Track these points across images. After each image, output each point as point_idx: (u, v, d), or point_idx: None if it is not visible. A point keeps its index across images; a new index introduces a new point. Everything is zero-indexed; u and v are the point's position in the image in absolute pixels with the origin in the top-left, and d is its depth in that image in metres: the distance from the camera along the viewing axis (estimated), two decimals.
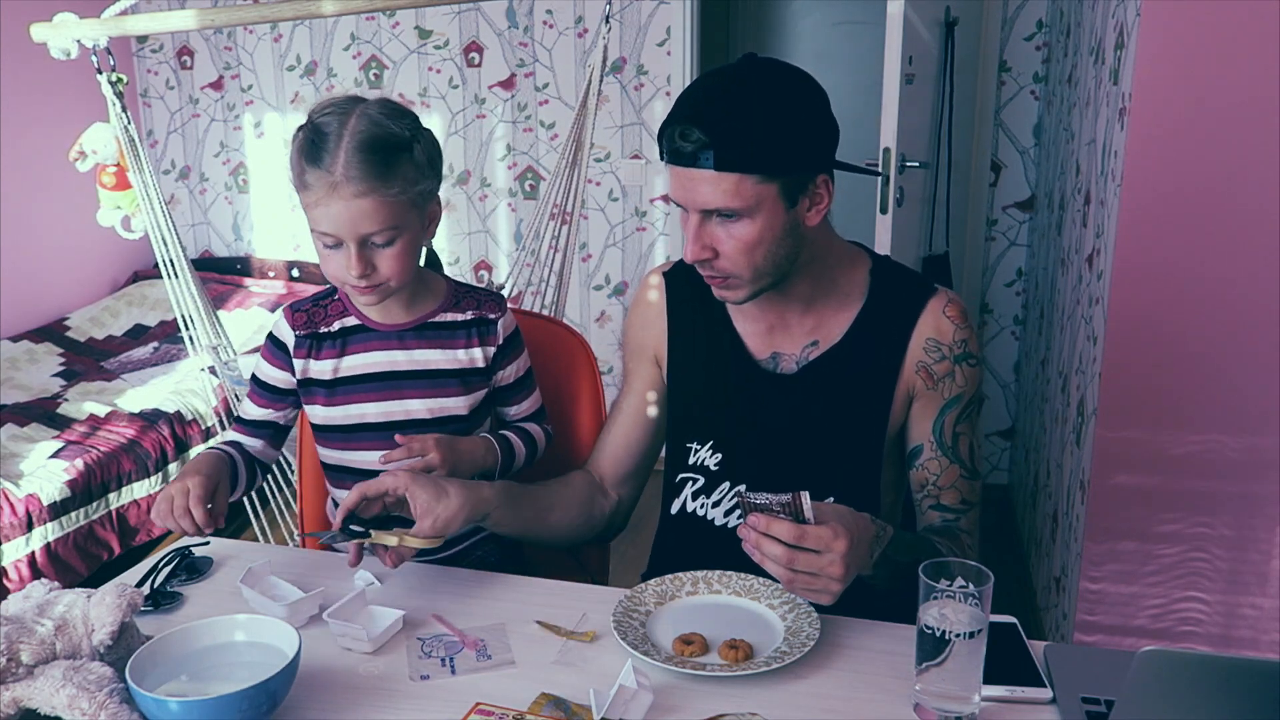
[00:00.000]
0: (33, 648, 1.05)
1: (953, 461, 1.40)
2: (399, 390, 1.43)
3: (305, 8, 2.22)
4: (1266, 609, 1.17)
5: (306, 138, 1.32)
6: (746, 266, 1.29)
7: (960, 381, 1.39)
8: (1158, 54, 1.83)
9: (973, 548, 1.40)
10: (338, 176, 1.28)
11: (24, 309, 3.70)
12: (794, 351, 1.42)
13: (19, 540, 2.61)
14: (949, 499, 1.41)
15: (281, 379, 1.45)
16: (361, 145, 1.29)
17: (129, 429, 3.02)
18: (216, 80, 4.06)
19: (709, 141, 1.22)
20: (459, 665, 1.17)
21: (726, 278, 1.31)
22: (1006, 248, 3.51)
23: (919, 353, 1.38)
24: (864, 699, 1.11)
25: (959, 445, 1.40)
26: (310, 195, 1.31)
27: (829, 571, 1.13)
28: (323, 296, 1.46)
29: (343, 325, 1.43)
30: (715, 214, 1.27)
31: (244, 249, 4.21)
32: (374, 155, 1.29)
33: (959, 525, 1.40)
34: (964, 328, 1.39)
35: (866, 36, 4.30)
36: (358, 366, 1.43)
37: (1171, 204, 1.69)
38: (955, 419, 1.40)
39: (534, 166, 3.75)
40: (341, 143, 1.29)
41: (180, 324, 2.57)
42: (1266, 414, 1.20)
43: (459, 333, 1.45)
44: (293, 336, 1.43)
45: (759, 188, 1.24)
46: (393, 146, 1.31)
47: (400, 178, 1.31)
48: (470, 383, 1.46)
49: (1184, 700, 0.89)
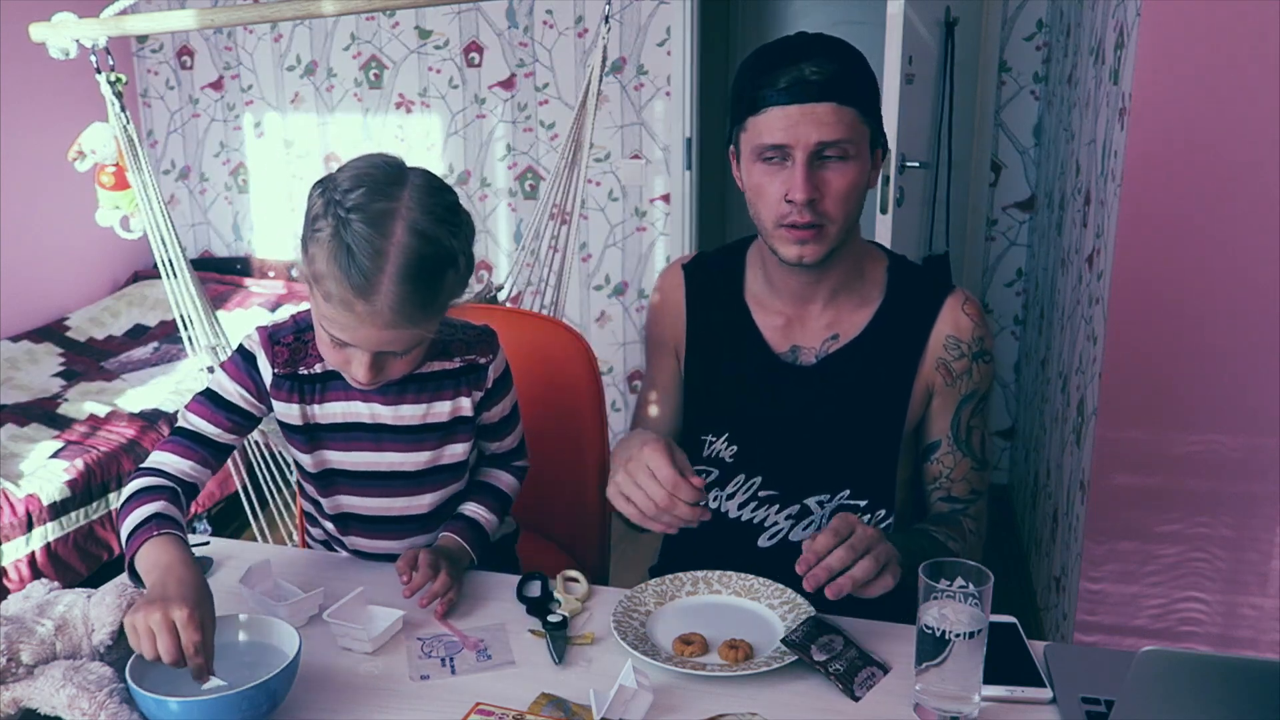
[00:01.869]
0: (33, 648, 1.05)
1: (966, 455, 1.43)
2: (380, 443, 1.34)
3: (305, 8, 2.22)
4: (1266, 609, 1.17)
5: (339, 243, 1.12)
6: (843, 213, 1.32)
7: (977, 378, 1.41)
8: (1158, 54, 1.83)
9: (977, 533, 1.43)
10: (376, 306, 1.13)
11: (24, 309, 3.70)
12: (814, 345, 1.42)
13: (19, 540, 2.61)
14: (959, 490, 1.44)
15: (244, 398, 1.32)
16: (406, 274, 1.12)
17: (129, 429, 3.02)
18: (216, 80, 4.06)
19: (836, 72, 1.28)
20: (459, 665, 1.17)
21: (822, 226, 1.32)
22: (1006, 248, 3.51)
23: (939, 350, 1.40)
24: (864, 699, 1.11)
25: (972, 439, 1.43)
26: (330, 307, 1.15)
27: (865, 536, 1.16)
28: (304, 329, 1.31)
29: (325, 369, 1.31)
30: (825, 154, 1.29)
31: (244, 249, 4.20)
32: (419, 287, 1.14)
33: (966, 513, 1.43)
34: (981, 325, 1.42)
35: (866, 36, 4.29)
36: (337, 415, 1.33)
37: (1171, 204, 1.69)
38: (970, 414, 1.42)
39: (534, 166, 3.75)
40: (384, 269, 1.12)
41: (180, 324, 2.56)
42: (1266, 414, 1.20)
43: (446, 384, 1.34)
44: (270, 374, 1.31)
45: (863, 127, 1.31)
46: (440, 269, 1.16)
47: (440, 306, 1.20)
48: (456, 432, 1.37)
49: (1184, 700, 0.89)
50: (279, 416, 1.33)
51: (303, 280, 1.19)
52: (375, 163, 1.19)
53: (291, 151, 4.03)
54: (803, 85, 1.27)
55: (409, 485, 1.38)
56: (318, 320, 1.21)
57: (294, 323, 1.33)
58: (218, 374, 1.33)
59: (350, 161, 1.20)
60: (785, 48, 1.32)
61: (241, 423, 1.33)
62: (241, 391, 1.31)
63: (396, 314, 1.14)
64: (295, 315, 1.34)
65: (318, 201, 1.17)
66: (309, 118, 3.97)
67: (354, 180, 1.16)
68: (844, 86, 1.28)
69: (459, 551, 1.36)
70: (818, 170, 1.29)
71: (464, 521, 1.40)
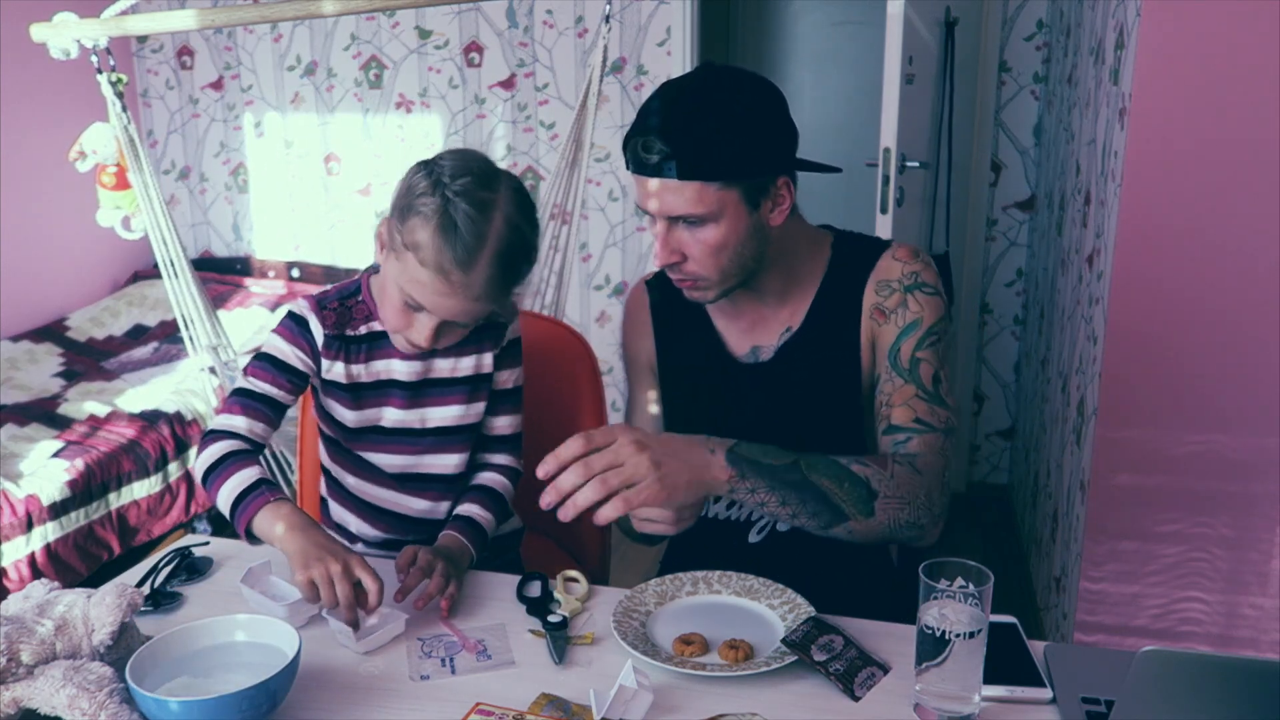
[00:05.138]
0: (33, 648, 1.05)
1: (908, 381, 1.35)
2: (417, 399, 1.44)
3: (305, 8, 2.22)
4: (1266, 609, 1.17)
5: (444, 217, 1.26)
6: (714, 269, 1.33)
7: (915, 308, 1.37)
8: (1158, 54, 1.83)
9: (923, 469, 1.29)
10: (472, 279, 1.27)
11: (24, 309, 3.70)
12: (771, 342, 1.44)
13: (19, 540, 2.61)
14: (899, 417, 1.34)
15: (301, 359, 1.41)
16: (501, 258, 1.28)
17: (129, 429, 3.02)
18: (216, 80, 4.05)
19: (670, 152, 1.26)
20: (459, 665, 1.17)
21: (696, 280, 1.35)
22: (1006, 248, 3.51)
23: (871, 297, 1.39)
24: (864, 699, 1.11)
25: (918, 369, 1.36)
26: (425, 274, 1.27)
27: (628, 456, 1.14)
28: (348, 295, 1.44)
29: (369, 330, 1.42)
30: (681, 220, 1.30)
31: (244, 249, 4.20)
32: (508, 271, 1.30)
33: (906, 448, 1.33)
34: (914, 262, 1.39)
35: (866, 36, 4.30)
36: (380, 373, 1.43)
37: (1171, 204, 1.69)
38: (914, 345, 1.36)
39: (534, 166, 3.75)
40: (484, 248, 1.26)
41: (180, 324, 2.56)
42: (1266, 414, 1.20)
43: (470, 340, 1.44)
44: (322, 335, 1.41)
45: (721, 194, 1.28)
46: (524, 260, 1.32)
47: (517, 292, 1.36)
48: (480, 389, 1.47)
49: (1184, 700, 0.89)
50: (326, 375, 1.42)
51: (385, 246, 1.32)
52: (476, 157, 1.34)
53: (292, 151, 4.03)
54: (642, 162, 1.29)
55: (438, 442, 1.46)
56: (394, 284, 1.31)
57: (337, 291, 1.44)
58: (272, 339, 1.42)
59: (449, 150, 1.35)
60: (643, 113, 1.31)
61: (298, 383, 1.42)
62: (297, 353, 1.41)
63: (485, 289, 1.28)
64: (336, 285, 1.46)
65: (421, 181, 1.29)
66: (309, 118, 3.97)
67: (458, 168, 1.29)
68: (686, 163, 1.26)
69: (459, 550, 1.38)
70: (680, 231, 1.32)
71: (462, 521, 1.43)
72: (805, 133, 1.40)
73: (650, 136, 1.27)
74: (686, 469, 1.18)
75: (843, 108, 4.39)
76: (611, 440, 1.16)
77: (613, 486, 1.14)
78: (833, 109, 4.42)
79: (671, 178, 1.27)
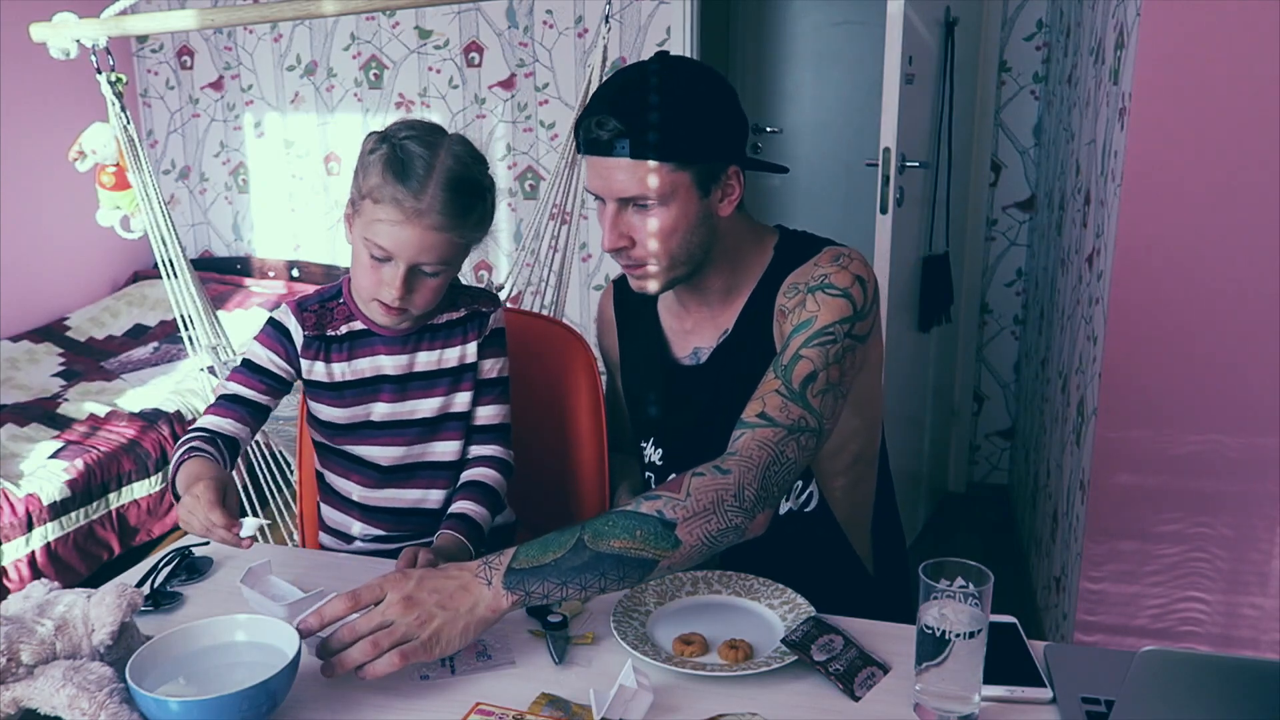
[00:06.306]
0: (33, 648, 1.05)
1: (777, 376, 1.27)
2: (403, 393, 1.46)
3: (305, 8, 2.22)
4: (1266, 609, 1.17)
5: (392, 155, 1.32)
6: (662, 254, 1.34)
7: (812, 308, 1.31)
8: (1158, 54, 1.83)
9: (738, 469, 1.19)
10: (424, 205, 1.30)
11: (24, 309, 3.70)
12: (710, 344, 1.46)
13: (19, 540, 2.61)
14: (749, 412, 1.25)
15: (275, 364, 1.44)
16: (450, 182, 1.32)
17: (129, 429, 3.02)
18: (216, 80, 4.06)
19: (624, 129, 1.27)
20: (459, 665, 1.17)
21: (642, 265, 1.36)
22: (1006, 248, 3.51)
23: (780, 299, 1.37)
24: (864, 699, 1.11)
25: (794, 366, 1.27)
26: (382, 210, 1.31)
27: (395, 616, 1.09)
28: (329, 297, 1.47)
29: (349, 329, 1.45)
30: (631, 203, 1.32)
31: (244, 249, 4.21)
32: (459, 196, 1.32)
33: (734, 445, 1.23)
34: (829, 266, 1.33)
35: (866, 36, 4.29)
36: (364, 370, 1.45)
37: (1171, 204, 1.69)
38: (801, 342, 1.29)
39: (534, 166, 3.75)
40: (432, 174, 1.31)
41: (180, 324, 2.57)
42: (1266, 414, 1.20)
43: (455, 331, 1.47)
44: (301, 336, 1.44)
45: (673, 176, 1.30)
46: (475, 191, 1.35)
47: (472, 224, 1.36)
48: (464, 378, 1.48)
49: (1184, 700, 0.89)
50: (308, 376, 1.45)
51: (349, 214, 1.38)
52: (423, 120, 1.40)
53: (291, 151, 4.03)
54: (597, 140, 1.29)
55: (428, 432, 1.48)
56: (359, 241, 1.35)
57: (318, 294, 1.48)
58: (252, 345, 1.47)
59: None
60: (598, 94, 1.33)
61: (275, 385, 1.45)
62: (272, 357, 1.44)
63: (440, 217, 1.31)
64: (318, 289, 1.49)
65: (370, 142, 1.35)
66: (309, 118, 3.97)
67: (403, 125, 1.37)
68: (639, 141, 1.27)
69: (458, 549, 1.39)
70: (629, 215, 1.33)
71: (458, 519, 1.43)
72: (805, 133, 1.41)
73: (604, 114, 1.28)
74: (458, 617, 1.11)
75: (843, 108, 4.38)
76: (379, 597, 1.11)
77: (382, 647, 1.09)
78: (833, 109, 4.42)
79: (624, 156, 1.28)
